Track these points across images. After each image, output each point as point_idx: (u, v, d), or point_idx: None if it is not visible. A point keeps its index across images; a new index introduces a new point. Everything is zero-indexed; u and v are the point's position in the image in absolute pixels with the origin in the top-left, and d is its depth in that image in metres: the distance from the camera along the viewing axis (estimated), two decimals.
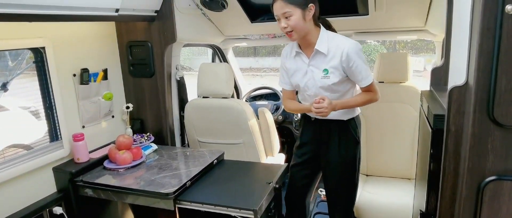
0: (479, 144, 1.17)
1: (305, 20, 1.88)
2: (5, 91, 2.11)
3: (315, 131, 2.16)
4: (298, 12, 1.85)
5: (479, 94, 1.13)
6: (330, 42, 1.95)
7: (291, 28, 1.88)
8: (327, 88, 2.00)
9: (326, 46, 1.95)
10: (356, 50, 1.91)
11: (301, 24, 1.88)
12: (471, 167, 1.19)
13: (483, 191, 1.18)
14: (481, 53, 1.09)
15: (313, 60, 2.00)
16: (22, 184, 1.95)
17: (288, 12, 1.85)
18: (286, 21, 1.87)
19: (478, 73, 1.11)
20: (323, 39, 1.95)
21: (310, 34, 1.95)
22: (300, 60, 2.06)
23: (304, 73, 2.05)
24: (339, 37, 1.97)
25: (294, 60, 2.09)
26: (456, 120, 1.25)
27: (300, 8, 1.86)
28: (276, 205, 2.06)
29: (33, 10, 1.64)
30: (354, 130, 2.09)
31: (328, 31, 2.00)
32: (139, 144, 2.41)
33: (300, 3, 1.85)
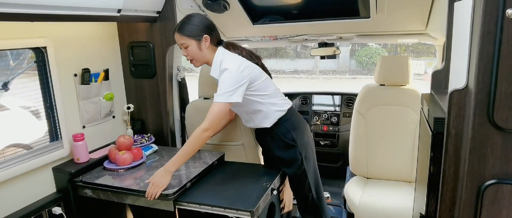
0: (479, 148, 1.17)
1: (201, 50, 2.05)
2: (6, 91, 2.11)
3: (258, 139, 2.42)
4: (193, 43, 2.03)
5: (479, 98, 1.13)
6: (222, 68, 2.04)
7: (191, 57, 2.08)
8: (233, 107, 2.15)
9: (217, 72, 2.08)
10: (229, 70, 1.97)
11: (198, 53, 2.06)
12: (471, 170, 1.19)
13: (483, 194, 1.18)
14: (481, 57, 1.09)
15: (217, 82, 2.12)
16: (22, 183, 1.95)
17: (184, 43, 2.04)
18: (185, 51, 2.07)
19: (479, 77, 1.11)
20: (215, 65, 2.09)
21: (210, 61, 2.11)
22: None
23: None
24: (226, 61, 2.04)
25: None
26: (456, 123, 1.25)
27: (195, 40, 2.03)
28: (273, 206, 2.07)
29: (35, 10, 1.65)
30: (284, 135, 2.20)
31: (226, 54, 2.09)
32: (139, 144, 2.42)
33: (194, 36, 2.02)
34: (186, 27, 2.02)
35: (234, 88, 1.95)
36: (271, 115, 2.18)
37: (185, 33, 2.02)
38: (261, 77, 2.11)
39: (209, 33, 2.05)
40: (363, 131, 2.79)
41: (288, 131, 2.20)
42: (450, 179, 1.31)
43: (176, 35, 2.06)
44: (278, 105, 2.19)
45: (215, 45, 2.11)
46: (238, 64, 2.00)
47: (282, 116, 2.19)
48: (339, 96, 3.78)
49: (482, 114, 1.13)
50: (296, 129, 2.22)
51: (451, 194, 1.32)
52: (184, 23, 2.04)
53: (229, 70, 1.96)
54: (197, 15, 2.08)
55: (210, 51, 2.09)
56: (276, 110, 2.18)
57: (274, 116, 2.18)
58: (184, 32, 2.02)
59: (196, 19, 2.05)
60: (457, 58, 1.45)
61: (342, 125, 3.69)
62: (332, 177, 3.81)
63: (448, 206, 1.33)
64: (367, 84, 2.85)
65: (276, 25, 2.81)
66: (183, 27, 2.03)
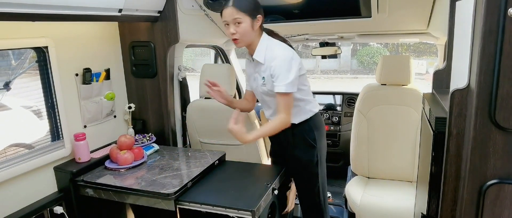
0: (481, 147, 1.16)
1: (253, 29, 1.96)
2: (7, 90, 2.11)
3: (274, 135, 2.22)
4: (247, 20, 1.93)
5: (481, 98, 1.12)
6: (268, 51, 2.01)
7: (239, 35, 1.95)
8: (268, 94, 2.09)
9: (263, 55, 2.02)
10: (283, 59, 1.94)
11: (249, 32, 1.96)
12: (472, 170, 1.19)
13: (485, 194, 1.18)
14: (483, 56, 1.09)
15: (256, 67, 2.10)
16: (23, 183, 1.95)
17: (239, 18, 1.92)
18: (235, 28, 1.94)
19: (480, 76, 1.11)
20: (261, 48, 2.02)
21: (254, 43, 2.03)
22: (251, 65, 2.16)
23: (253, 79, 2.17)
24: (278, 46, 2.01)
25: (249, 65, 2.20)
26: (457, 122, 1.25)
27: (250, 17, 1.93)
28: (274, 206, 2.06)
29: (37, 9, 1.65)
30: (307, 133, 2.15)
31: (271, 40, 2.06)
32: (140, 144, 2.42)
33: (250, 12, 1.93)
34: (243, 2, 1.91)
35: (294, 75, 1.95)
36: (303, 112, 2.14)
37: (242, 8, 1.90)
38: (303, 69, 2.09)
39: (262, 14, 1.98)
40: (364, 131, 2.79)
41: (312, 130, 2.16)
42: (452, 178, 1.30)
43: (229, 9, 1.92)
44: (311, 105, 2.16)
45: (261, 29, 2.05)
46: (291, 53, 1.97)
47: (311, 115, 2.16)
48: (340, 96, 3.78)
49: (484, 114, 1.13)
50: (318, 130, 2.18)
51: (452, 194, 1.31)
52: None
53: (286, 59, 1.94)
54: None
55: (257, 34, 2.02)
56: (309, 108, 2.15)
57: (306, 114, 2.15)
58: (241, 7, 1.90)
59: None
60: (459, 57, 1.44)
61: (343, 124, 3.69)
62: (333, 177, 3.81)
63: (450, 206, 1.33)
64: (368, 84, 2.85)
65: (277, 25, 2.80)
66: (240, 2, 1.91)
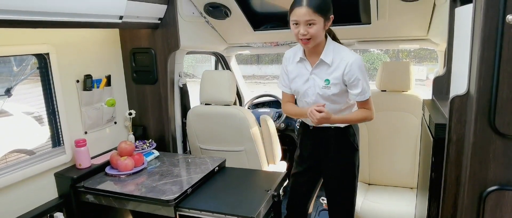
0: (481, 153, 1.16)
1: (324, 29, 1.88)
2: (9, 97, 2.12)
3: (313, 138, 2.15)
4: (321, 22, 1.82)
5: (481, 104, 1.13)
6: (335, 53, 1.94)
7: (311, 36, 1.83)
8: (327, 98, 2.00)
9: (331, 57, 1.93)
10: (359, 65, 1.90)
11: (320, 33, 1.86)
12: (472, 176, 1.19)
13: (485, 200, 1.18)
14: (482, 62, 1.09)
15: (316, 69, 2.00)
16: (24, 189, 1.95)
17: (313, 20, 1.80)
18: (307, 29, 1.82)
19: (480, 82, 1.11)
20: (329, 50, 1.94)
21: (320, 43, 1.94)
22: (303, 66, 2.04)
23: (305, 80, 2.04)
24: (344, 49, 1.96)
25: (296, 66, 2.07)
26: (457, 129, 1.25)
27: (324, 18, 1.83)
28: (274, 212, 2.06)
29: (38, 16, 1.66)
30: (352, 137, 2.08)
31: (334, 42, 2.00)
32: (141, 150, 2.42)
33: (325, 13, 1.82)
34: (320, 3, 1.79)
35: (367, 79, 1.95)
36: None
37: (317, 9, 1.78)
38: None
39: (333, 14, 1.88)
40: (364, 137, 2.79)
41: (354, 134, 2.11)
42: (452, 185, 1.30)
43: (303, 9, 1.79)
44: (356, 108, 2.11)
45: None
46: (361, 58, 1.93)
47: None
48: None
49: (483, 120, 1.13)
50: (358, 134, 2.15)
51: (452, 200, 1.31)
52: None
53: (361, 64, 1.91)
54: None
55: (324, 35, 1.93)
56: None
57: None
58: (317, 7, 1.78)
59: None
60: (459, 63, 1.45)
61: None
62: None
63: (450, 212, 1.33)
64: None
65: (277, 31, 2.82)
66: (316, 2, 1.79)
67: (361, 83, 1.91)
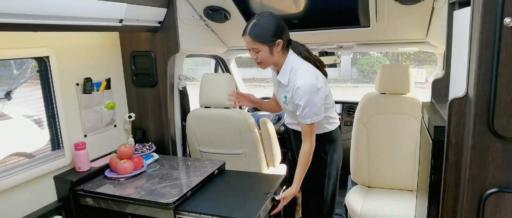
0: (480, 156, 1.17)
1: (272, 54, 1.96)
2: (9, 100, 2.12)
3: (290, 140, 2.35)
4: (265, 48, 1.93)
5: (479, 106, 1.13)
6: (292, 74, 2.00)
7: (260, 60, 1.98)
8: (291, 112, 2.11)
9: (287, 78, 2.01)
10: (306, 91, 1.92)
11: (268, 58, 1.97)
12: (472, 179, 1.19)
13: (485, 203, 1.18)
14: (480, 65, 1.10)
15: (280, 85, 2.10)
16: (23, 192, 1.95)
17: (256, 48, 1.93)
18: (255, 54, 1.96)
19: (478, 85, 1.11)
20: (286, 71, 2.01)
21: (278, 63, 2.03)
22: (276, 78, 2.14)
23: (277, 90, 2.21)
24: (301, 71, 1.97)
25: (274, 76, 2.19)
26: (456, 131, 1.25)
27: (267, 45, 1.92)
28: (274, 215, 2.06)
29: (39, 20, 1.66)
30: (319, 146, 2.10)
31: (297, 61, 2.01)
32: (140, 153, 2.42)
33: (267, 41, 1.91)
34: (258, 32, 1.89)
35: (318, 106, 1.95)
36: (321, 128, 2.13)
37: (257, 39, 1.90)
38: (328, 90, 2.08)
39: (281, 37, 1.93)
40: (364, 140, 2.79)
41: (325, 143, 2.16)
42: (451, 187, 1.30)
43: (246, 38, 1.92)
44: (330, 123, 2.16)
45: (285, 47, 2.01)
46: (315, 79, 1.94)
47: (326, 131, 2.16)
48: (340, 105, 3.78)
49: (482, 122, 1.14)
50: (332, 143, 2.18)
51: (452, 203, 1.31)
52: (256, 26, 1.89)
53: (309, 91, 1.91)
54: (268, 16, 1.92)
55: (280, 55, 1.99)
56: (326, 125, 2.15)
57: (323, 130, 2.15)
58: (256, 37, 1.89)
59: (268, 21, 1.90)
60: (457, 66, 1.45)
61: (343, 133, 3.68)
62: None
63: (450, 215, 1.33)
64: (368, 93, 2.85)
65: None
66: (255, 31, 1.89)
67: (305, 109, 1.94)
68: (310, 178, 2.14)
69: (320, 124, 2.09)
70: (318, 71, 2.03)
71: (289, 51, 2.03)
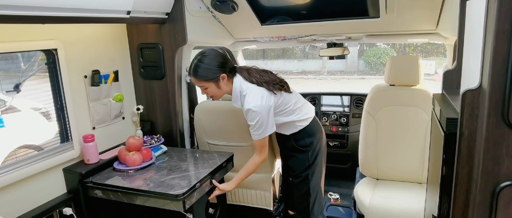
0: (494, 148, 1.15)
1: (220, 87, 2.10)
2: (17, 93, 2.13)
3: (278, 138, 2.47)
4: (211, 85, 2.08)
5: (494, 98, 1.11)
6: (242, 98, 2.13)
7: (210, 95, 2.16)
8: None
9: (239, 102, 2.16)
10: (254, 111, 2.04)
11: (217, 91, 2.12)
12: (485, 172, 1.17)
13: (498, 197, 1.16)
14: (495, 56, 1.07)
15: None
16: (33, 184, 1.96)
17: (203, 86, 2.09)
18: (204, 91, 2.13)
19: (493, 76, 1.09)
20: (236, 96, 2.15)
21: (230, 92, 2.16)
22: None
23: None
24: (247, 96, 2.09)
25: None
26: (469, 123, 1.23)
27: (212, 81, 2.07)
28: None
29: (47, 12, 1.66)
30: (296, 141, 2.31)
31: (243, 84, 2.12)
32: (149, 145, 2.42)
33: (210, 78, 2.06)
34: (201, 72, 2.05)
35: (266, 123, 2.08)
36: (293, 127, 2.30)
37: (201, 79, 2.06)
38: (279, 101, 2.17)
39: (224, 71, 2.08)
40: (373, 132, 2.77)
41: (303, 138, 2.30)
42: (464, 180, 1.29)
43: (192, 79, 2.10)
44: (299, 120, 2.28)
45: (231, 76, 2.14)
46: (260, 100, 2.06)
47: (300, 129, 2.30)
48: (348, 96, 3.76)
49: (497, 114, 1.11)
50: (311, 136, 2.32)
51: (464, 196, 1.30)
52: (198, 68, 2.05)
53: (256, 111, 2.04)
54: (208, 54, 2.08)
55: (228, 84, 2.13)
56: (297, 124, 2.29)
57: (295, 128, 2.30)
58: (200, 77, 2.05)
59: (208, 60, 2.06)
60: (470, 57, 1.43)
61: (351, 125, 3.67)
62: (341, 178, 3.79)
63: (462, 208, 1.31)
64: (376, 85, 2.83)
65: (285, 26, 2.80)
66: (197, 72, 2.05)
67: (255, 127, 2.09)
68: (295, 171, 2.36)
69: (292, 124, 2.28)
70: (262, 90, 2.10)
71: (235, 76, 2.15)
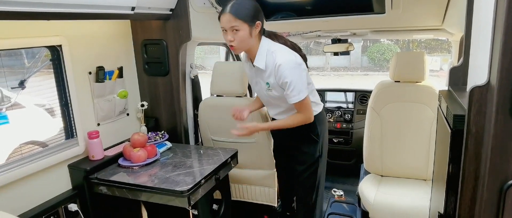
0: (502, 146, 1.14)
1: (251, 36, 1.93)
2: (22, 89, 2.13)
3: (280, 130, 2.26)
4: (245, 28, 1.90)
5: (502, 95, 1.10)
6: (268, 57, 1.98)
7: (236, 43, 1.92)
8: (276, 99, 2.08)
9: (263, 62, 1.99)
10: (287, 67, 1.92)
11: (247, 39, 1.93)
12: (492, 169, 1.16)
13: (506, 194, 1.15)
14: (505, 52, 1.06)
15: (257, 72, 2.07)
16: (38, 180, 1.97)
17: (236, 26, 1.88)
18: (233, 35, 1.90)
19: (502, 72, 1.08)
20: (261, 55, 1.99)
21: (253, 48, 2.00)
22: (252, 70, 2.12)
23: (255, 82, 2.16)
24: (278, 52, 1.97)
25: (248, 67, 2.16)
26: (476, 120, 1.22)
27: (248, 24, 1.90)
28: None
29: (52, 8, 1.66)
30: (311, 129, 2.17)
31: (272, 44, 2.01)
32: (153, 141, 2.43)
33: (248, 20, 1.89)
34: (241, 10, 1.87)
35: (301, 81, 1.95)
36: None
37: (239, 16, 1.86)
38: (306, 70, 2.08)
39: (260, 19, 1.95)
40: (377, 128, 2.76)
41: (316, 126, 2.18)
42: (470, 178, 1.28)
43: (226, 16, 1.88)
44: (315, 104, 2.18)
45: (261, 33, 2.02)
46: (293, 56, 1.96)
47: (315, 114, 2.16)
48: (352, 93, 3.75)
49: (505, 111, 1.10)
50: (321, 125, 2.22)
51: (471, 193, 1.29)
52: (239, 5, 1.88)
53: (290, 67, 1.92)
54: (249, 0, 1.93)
55: (257, 39, 1.99)
56: (314, 108, 2.15)
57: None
58: (239, 14, 1.86)
59: (250, 4, 1.91)
60: (477, 53, 1.41)
61: (356, 122, 3.66)
62: (345, 175, 3.79)
63: (468, 205, 1.30)
64: (381, 81, 2.82)
65: (289, 22, 2.78)
66: (237, 9, 1.87)
67: (292, 85, 1.93)
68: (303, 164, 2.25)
69: None
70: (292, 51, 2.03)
71: (262, 36, 2.04)
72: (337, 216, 3.15)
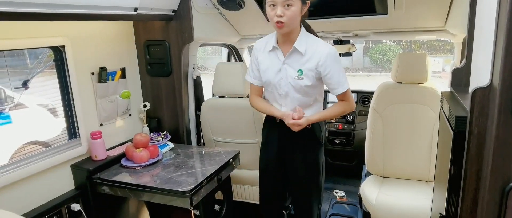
0: (504, 147, 1.14)
1: (301, 13, 1.88)
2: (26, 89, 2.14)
3: (279, 133, 2.14)
4: (299, 5, 1.83)
5: (504, 96, 1.10)
6: (309, 44, 1.94)
7: (286, 19, 1.82)
8: (299, 90, 1.99)
9: (304, 46, 1.93)
10: (334, 57, 1.91)
11: (296, 17, 1.86)
12: (495, 170, 1.16)
13: (508, 196, 1.15)
14: (507, 53, 1.06)
15: (289, 59, 1.98)
16: (42, 180, 1.98)
17: (291, 1, 1.80)
18: (284, 10, 1.81)
19: (504, 74, 1.08)
20: (302, 39, 1.94)
21: (294, 31, 1.93)
22: (275, 56, 2.02)
23: (277, 71, 2.02)
24: (319, 41, 1.96)
25: (268, 56, 2.05)
26: (479, 122, 1.22)
27: (301, 2, 1.84)
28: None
29: (54, 9, 1.67)
30: (317, 133, 2.11)
31: (308, 33, 1.99)
32: (156, 142, 2.43)
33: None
34: None
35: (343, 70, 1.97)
36: (319, 108, 2.10)
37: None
38: None
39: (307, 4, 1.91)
40: (379, 129, 2.76)
41: (320, 129, 2.13)
42: (472, 179, 1.28)
43: None
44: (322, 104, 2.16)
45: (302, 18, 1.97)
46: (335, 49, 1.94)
47: None
48: (354, 94, 3.74)
49: (507, 113, 1.10)
50: (322, 130, 2.17)
51: (473, 195, 1.29)
52: None
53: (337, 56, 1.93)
54: None
55: (299, 21, 1.94)
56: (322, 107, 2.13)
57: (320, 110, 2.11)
58: None
59: None
60: (480, 55, 1.41)
61: (358, 123, 3.65)
62: (347, 176, 3.78)
63: (470, 207, 1.30)
64: (384, 82, 2.82)
65: None
66: None
67: (338, 76, 1.92)
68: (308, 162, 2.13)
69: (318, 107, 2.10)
70: None
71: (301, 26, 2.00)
72: (338, 217, 3.15)
